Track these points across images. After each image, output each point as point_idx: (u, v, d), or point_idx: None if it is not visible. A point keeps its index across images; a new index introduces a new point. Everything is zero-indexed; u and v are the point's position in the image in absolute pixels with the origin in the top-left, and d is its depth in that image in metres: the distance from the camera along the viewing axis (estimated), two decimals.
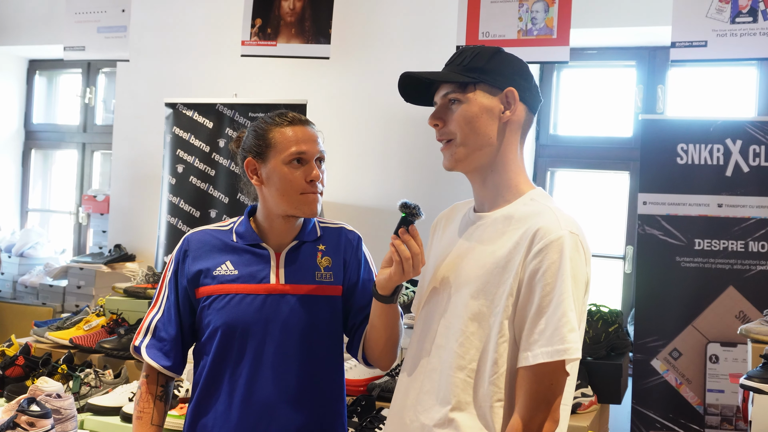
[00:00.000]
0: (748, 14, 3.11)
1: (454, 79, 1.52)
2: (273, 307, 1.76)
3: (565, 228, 1.42)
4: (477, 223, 1.56)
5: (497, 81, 1.52)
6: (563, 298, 1.37)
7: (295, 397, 1.75)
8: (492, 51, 1.55)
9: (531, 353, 1.38)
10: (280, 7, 4.04)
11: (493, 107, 1.51)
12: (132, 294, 3.55)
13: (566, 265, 1.39)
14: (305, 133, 1.78)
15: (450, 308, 1.52)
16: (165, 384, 1.84)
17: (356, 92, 4.26)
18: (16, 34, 5.32)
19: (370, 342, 1.77)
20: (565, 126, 4.23)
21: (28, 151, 5.69)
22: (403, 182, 4.11)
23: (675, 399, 3.15)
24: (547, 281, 1.39)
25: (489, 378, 1.43)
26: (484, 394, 1.44)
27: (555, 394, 1.40)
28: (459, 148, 1.52)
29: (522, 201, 1.52)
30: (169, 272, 1.85)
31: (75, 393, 2.79)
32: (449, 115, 1.53)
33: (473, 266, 1.50)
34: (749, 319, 3.03)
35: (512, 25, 3.49)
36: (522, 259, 1.42)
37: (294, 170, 1.75)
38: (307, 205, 1.76)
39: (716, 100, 3.96)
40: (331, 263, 1.82)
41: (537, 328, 1.38)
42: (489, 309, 1.45)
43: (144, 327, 1.84)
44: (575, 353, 1.37)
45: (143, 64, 4.74)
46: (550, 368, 1.38)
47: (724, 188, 3.14)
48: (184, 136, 4.18)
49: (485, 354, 1.45)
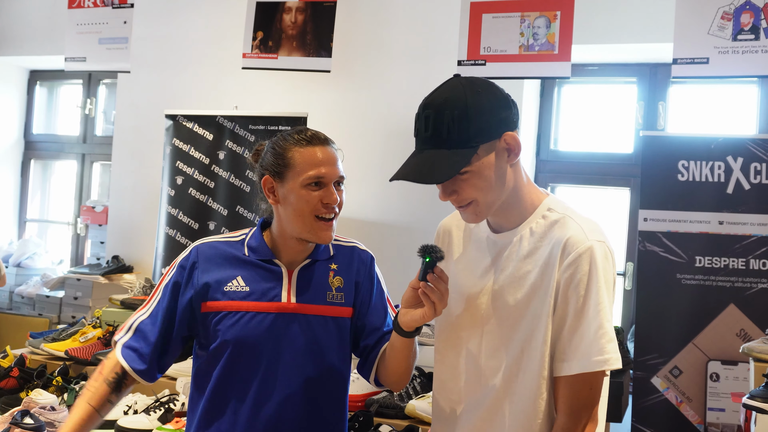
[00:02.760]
0: (750, 32, 3.12)
1: (457, 169, 1.42)
2: (283, 326, 1.73)
3: (592, 237, 1.45)
4: (499, 243, 1.55)
5: (492, 134, 1.44)
6: (599, 308, 1.42)
7: (300, 418, 1.72)
8: (462, 105, 1.42)
9: (569, 364, 1.43)
10: (282, 20, 4.04)
11: (499, 158, 1.47)
12: (129, 306, 3.53)
13: (599, 275, 1.43)
14: (325, 155, 1.74)
15: (491, 341, 1.53)
16: (123, 376, 1.74)
17: (357, 105, 4.26)
18: (17, 44, 5.32)
19: (389, 369, 1.76)
20: (566, 142, 4.23)
21: (28, 161, 5.68)
22: (403, 196, 4.10)
23: (675, 417, 3.13)
24: (581, 292, 1.43)
25: (534, 382, 1.47)
26: (529, 397, 1.48)
27: (595, 399, 1.46)
28: (482, 207, 1.49)
29: (539, 213, 1.52)
30: (168, 278, 1.80)
31: (69, 405, 2.76)
32: (461, 185, 1.46)
33: (510, 293, 1.50)
34: (750, 337, 3.01)
35: (514, 40, 3.49)
36: (556, 274, 1.45)
37: (311, 192, 1.72)
38: (322, 232, 1.73)
39: (717, 118, 3.96)
40: (343, 284, 1.80)
41: (574, 338, 1.43)
42: (531, 332, 1.48)
43: (127, 324, 1.79)
44: (615, 363, 1.42)
45: (144, 76, 4.75)
46: (589, 377, 1.43)
47: (725, 205, 3.13)
48: (184, 148, 4.17)
49: (531, 363, 1.48)
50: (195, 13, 4.70)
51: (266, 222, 1.84)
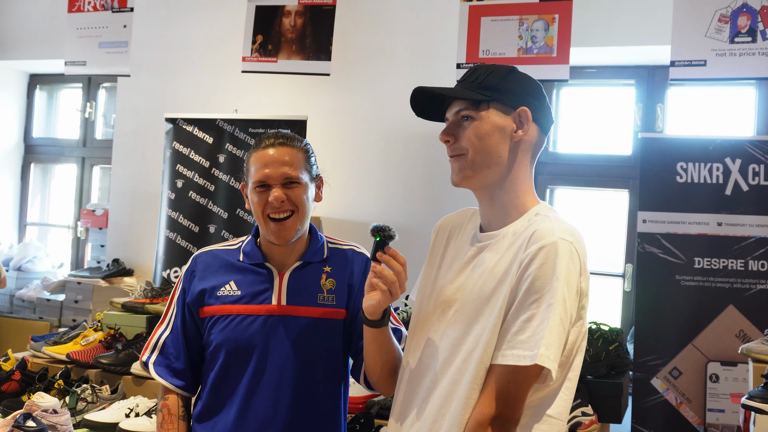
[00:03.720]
0: (747, 34, 3.13)
1: (468, 96, 1.51)
2: (273, 328, 1.75)
3: (559, 234, 1.41)
4: (483, 242, 1.54)
5: (511, 100, 1.51)
6: (550, 302, 1.36)
7: (290, 419, 1.74)
8: (506, 70, 1.54)
9: (501, 353, 1.38)
10: (281, 24, 4.06)
11: (506, 126, 1.50)
12: (130, 309, 3.54)
13: (558, 271, 1.37)
14: (271, 157, 1.75)
15: (453, 330, 1.50)
16: (184, 404, 1.84)
17: (356, 109, 4.27)
18: (17, 48, 5.33)
19: (367, 368, 1.75)
20: (565, 144, 4.24)
21: (28, 165, 5.69)
22: (403, 199, 4.11)
23: (675, 418, 3.14)
24: (534, 285, 1.38)
25: (474, 370, 1.42)
26: (465, 385, 1.42)
27: (516, 396, 1.38)
28: (468, 164, 1.51)
29: (527, 217, 1.51)
30: (178, 290, 1.86)
31: (71, 409, 2.77)
32: (461, 132, 1.52)
33: (478, 287, 1.48)
34: (749, 338, 3.02)
35: (512, 43, 3.50)
36: (516, 265, 1.42)
37: (260, 194, 1.75)
38: (274, 234, 1.75)
39: (715, 119, 3.97)
40: (335, 286, 1.80)
41: (513, 328, 1.38)
42: (488, 321, 1.44)
43: (152, 342, 1.84)
44: (546, 361, 1.34)
45: (144, 80, 4.76)
46: (519, 370, 1.37)
47: (723, 207, 3.14)
48: (183, 151, 4.18)
49: (476, 350, 1.44)
50: (194, 16, 4.71)
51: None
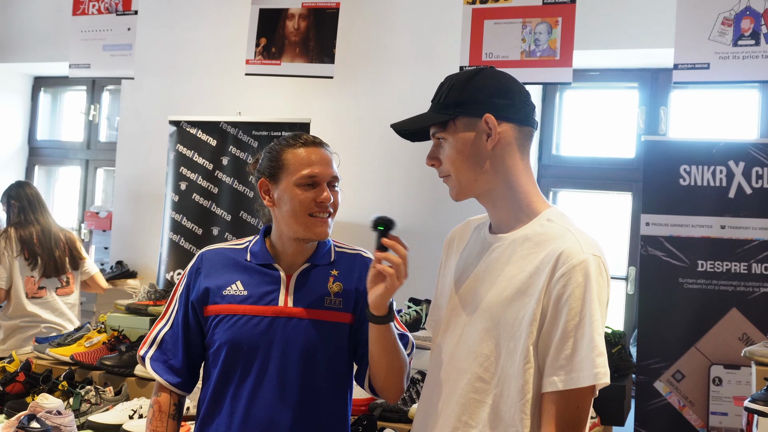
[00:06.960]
0: (751, 37, 3.13)
1: (432, 121, 1.52)
2: (279, 329, 1.75)
3: (588, 251, 1.41)
4: (494, 245, 1.53)
5: (474, 110, 1.49)
6: (591, 321, 1.37)
7: (293, 421, 1.74)
8: (466, 78, 1.52)
9: (558, 378, 1.38)
10: (285, 27, 4.07)
11: (476, 137, 1.49)
12: (133, 311, 3.55)
13: (591, 288, 1.38)
14: (318, 155, 1.79)
15: (470, 333, 1.50)
16: (177, 402, 1.84)
17: (360, 111, 4.28)
18: (21, 51, 5.35)
19: (372, 371, 1.75)
20: (568, 147, 4.24)
21: (32, 167, 5.70)
22: (406, 201, 4.12)
23: (678, 421, 3.13)
24: (573, 305, 1.38)
25: (516, 404, 1.41)
26: (512, 419, 1.42)
27: (582, 419, 1.40)
28: (456, 183, 1.53)
29: (538, 222, 1.50)
30: (181, 287, 1.85)
31: (75, 410, 2.78)
32: (441, 153, 1.54)
33: (493, 291, 1.48)
34: (752, 341, 3.01)
35: (515, 46, 3.50)
36: (545, 283, 1.41)
37: (304, 192, 1.75)
38: (316, 227, 1.76)
39: (718, 123, 3.97)
40: (342, 289, 1.81)
41: (563, 352, 1.38)
42: (510, 334, 1.44)
43: (150, 337, 1.84)
44: (604, 378, 1.36)
45: (148, 82, 4.77)
46: (578, 393, 1.38)
47: (727, 210, 3.13)
48: (187, 154, 4.19)
49: (510, 379, 1.43)
50: (198, 19, 4.72)
51: (269, 228, 1.88)
